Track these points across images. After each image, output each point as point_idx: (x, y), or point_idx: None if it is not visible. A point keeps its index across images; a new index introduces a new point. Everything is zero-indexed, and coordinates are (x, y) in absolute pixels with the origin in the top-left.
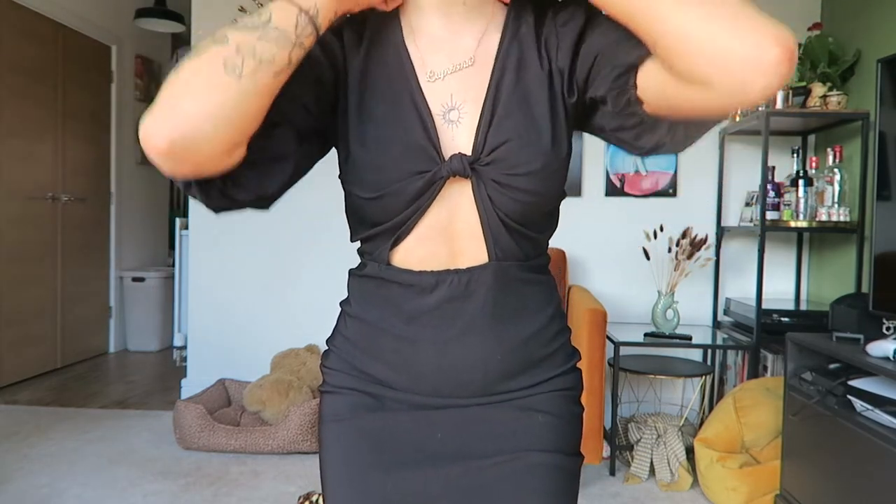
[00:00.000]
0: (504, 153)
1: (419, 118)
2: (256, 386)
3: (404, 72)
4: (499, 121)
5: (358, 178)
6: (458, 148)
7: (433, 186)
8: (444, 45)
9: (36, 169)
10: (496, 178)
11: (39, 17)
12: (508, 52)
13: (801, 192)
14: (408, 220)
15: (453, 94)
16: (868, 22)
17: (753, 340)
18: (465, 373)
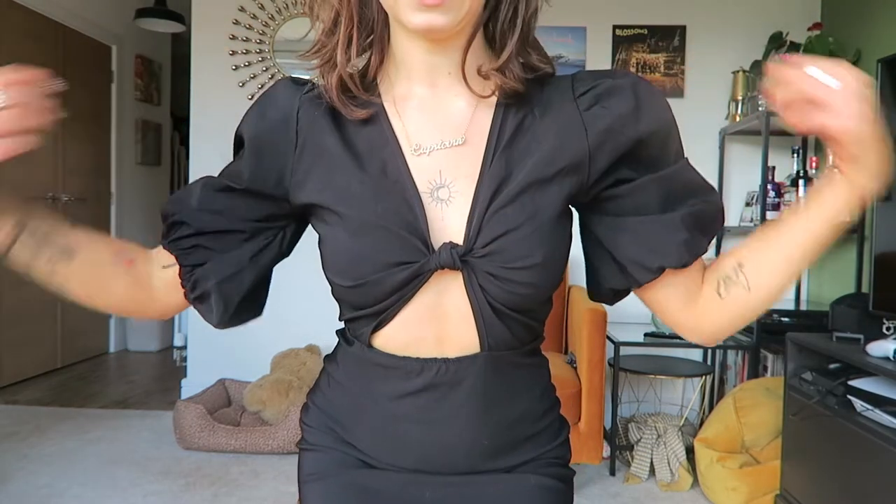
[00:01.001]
0: (501, 246)
1: (404, 198)
2: (257, 386)
3: (387, 146)
4: (497, 208)
5: (334, 266)
6: (447, 231)
7: (419, 278)
8: (431, 118)
9: (36, 169)
10: (491, 270)
11: (39, 17)
12: (509, 132)
13: (802, 192)
14: (390, 307)
15: (442, 170)
16: (868, 22)
17: (753, 340)
18: (449, 453)
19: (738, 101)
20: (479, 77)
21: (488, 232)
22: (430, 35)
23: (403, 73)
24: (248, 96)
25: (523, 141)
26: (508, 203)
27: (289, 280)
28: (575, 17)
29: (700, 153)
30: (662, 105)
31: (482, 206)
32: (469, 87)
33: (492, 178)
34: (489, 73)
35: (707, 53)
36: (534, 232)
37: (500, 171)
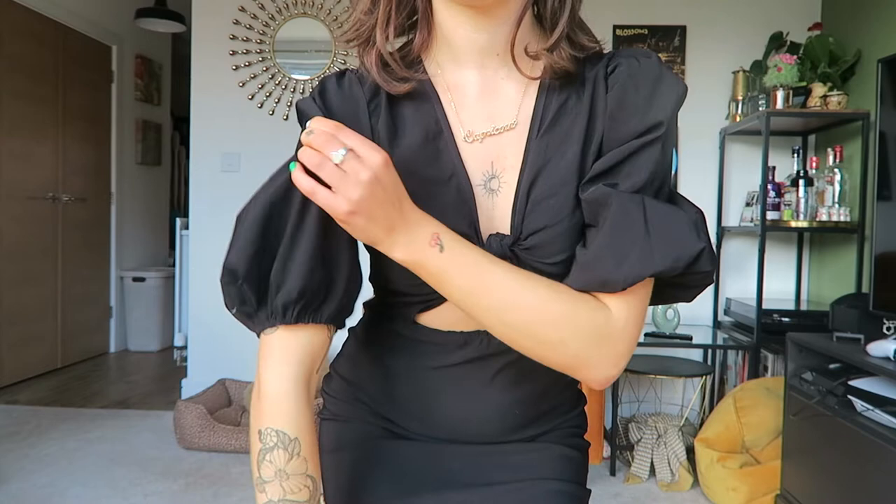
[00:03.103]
0: (542, 239)
1: (458, 192)
2: None
3: (441, 134)
4: (536, 200)
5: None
6: (495, 221)
7: None
8: (482, 102)
9: (36, 169)
10: (532, 264)
11: (40, 16)
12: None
13: (802, 192)
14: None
15: (493, 160)
16: (868, 22)
17: (754, 340)
18: (482, 423)
19: (738, 101)
20: (528, 58)
21: (530, 224)
22: (472, 3)
23: (451, 57)
24: (248, 96)
25: (565, 123)
26: (551, 196)
27: None
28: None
29: (700, 153)
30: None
31: (523, 198)
32: (518, 68)
33: (531, 167)
34: (539, 52)
35: (707, 53)
36: (571, 227)
37: (537, 158)
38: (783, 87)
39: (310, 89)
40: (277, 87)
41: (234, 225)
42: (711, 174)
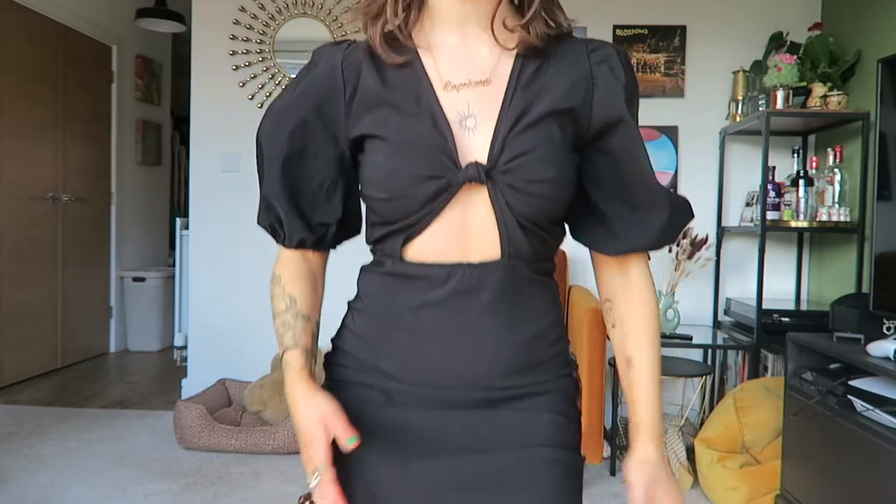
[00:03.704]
0: (521, 163)
1: (434, 123)
2: (257, 386)
3: (421, 83)
4: (517, 132)
5: (373, 181)
6: (473, 154)
7: (448, 190)
8: (460, 60)
9: (36, 169)
10: (512, 183)
11: (40, 17)
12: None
13: (802, 192)
14: (421, 220)
15: (469, 103)
16: (868, 22)
17: (754, 340)
18: (470, 365)
19: (738, 101)
20: (505, 30)
21: (509, 152)
22: None
23: (437, 24)
24: (248, 96)
25: (540, 82)
26: (528, 128)
27: None
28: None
29: (700, 153)
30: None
31: (504, 131)
32: (495, 38)
33: (513, 110)
34: (515, 27)
35: (707, 53)
36: (549, 154)
37: (520, 104)
38: (783, 87)
39: None
40: (277, 87)
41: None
42: (711, 174)
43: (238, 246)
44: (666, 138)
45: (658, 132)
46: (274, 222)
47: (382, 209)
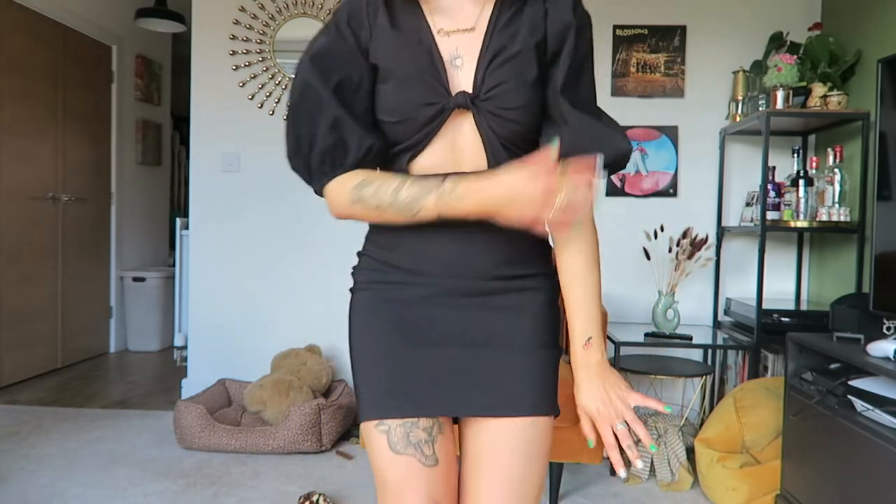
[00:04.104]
0: (497, 93)
1: (432, 60)
2: (257, 386)
3: (422, 29)
4: (493, 69)
5: (384, 108)
6: (461, 85)
7: (442, 115)
8: (451, 12)
9: (36, 169)
10: (491, 110)
11: (40, 17)
12: (503, 22)
13: (802, 192)
14: (422, 140)
15: (458, 46)
16: (868, 22)
17: (754, 340)
18: (467, 256)
19: (738, 101)
20: None
21: (488, 83)
22: None
23: None
24: (249, 96)
25: (514, 26)
26: (502, 65)
27: (289, 281)
28: None
29: (700, 153)
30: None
31: (483, 67)
32: None
33: (489, 51)
34: None
35: (707, 53)
36: (518, 85)
37: (496, 46)
38: (783, 87)
39: None
40: (277, 87)
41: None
42: (711, 174)
43: (238, 246)
44: (666, 138)
45: (658, 132)
46: (330, 147)
47: (391, 131)
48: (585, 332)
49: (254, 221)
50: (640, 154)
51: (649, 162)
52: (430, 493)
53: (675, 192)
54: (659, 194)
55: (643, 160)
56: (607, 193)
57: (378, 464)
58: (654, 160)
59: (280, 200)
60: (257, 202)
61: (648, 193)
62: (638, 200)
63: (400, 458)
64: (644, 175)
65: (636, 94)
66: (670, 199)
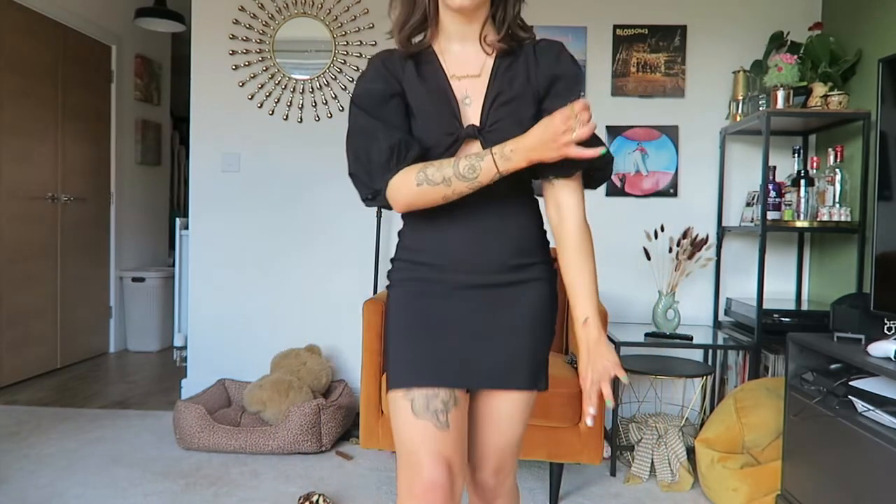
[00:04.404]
0: (498, 127)
1: (448, 101)
2: (257, 386)
3: (440, 76)
4: (495, 108)
5: (418, 136)
6: (471, 120)
7: (458, 142)
8: (462, 61)
9: (36, 169)
10: (494, 139)
11: (40, 16)
12: (502, 70)
13: (803, 192)
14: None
15: (467, 88)
16: (869, 21)
17: (754, 340)
18: (484, 250)
19: (738, 100)
20: (487, 43)
21: (491, 119)
22: (462, 11)
23: (446, 38)
24: (248, 96)
25: (511, 73)
26: (501, 106)
27: (289, 281)
28: (575, 17)
29: (700, 153)
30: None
31: (487, 106)
32: (482, 46)
33: (491, 93)
34: (493, 41)
35: (707, 53)
36: (514, 123)
37: (496, 89)
38: (784, 87)
39: (310, 89)
40: (277, 86)
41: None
42: (712, 174)
43: (238, 246)
44: (666, 138)
45: (658, 132)
46: (395, 144)
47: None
48: (584, 314)
49: (253, 221)
50: (641, 154)
51: (649, 162)
52: (440, 451)
53: (675, 192)
54: (659, 194)
55: (643, 160)
56: (607, 193)
57: (399, 426)
58: (655, 160)
59: (280, 200)
60: (257, 202)
61: (649, 193)
62: (638, 200)
63: (419, 422)
64: (644, 175)
65: (636, 93)
66: (671, 199)
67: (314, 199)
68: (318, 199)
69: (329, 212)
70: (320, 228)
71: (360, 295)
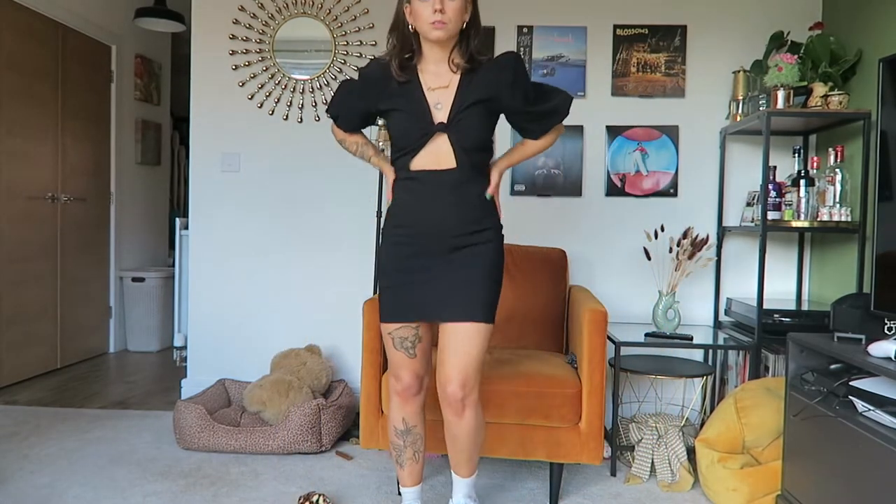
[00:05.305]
0: (462, 125)
1: (424, 107)
2: (257, 386)
3: (417, 87)
4: (459, 111)
5: (396, 132)
6: (439, 119)
7: (428, 135)
8: (435, 76)
9: (36, 169)
10: (458, 132)
11: (39, 16)
12: (465, 84)
13: (803, 192)
14: (417, 149)
15: (439, 97)
16: (870, 21)
17: (754, 340)
18: (448, 217)
19: (738, 100)
20: (454, 63)
21: (455, 119)
22: (438, 41)
23: (425, 61)
24: (248, 96)
25: (472, 86)
26: (464, 109)
27: (289, 281)
28: (575, 17)
29: (700, 153)
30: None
31: (455, 111)
32: (450, 67)
33: (458, 101)
34: (459, 62)
35: (707, 53)
36: (474, 120)
37: (460, 98)
38: (784, 87)
39: (310, 89)
40: (277, 86)
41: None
42: (712, 174)
43: (238, 246)
44: (666, 138)
45: (658, 132)
46: (336, 116)
47: (401, 143)
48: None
49: (253, 221)
50: (641, 154)
51: (650, 162)
52: (413, 370)
53: (675, 192)
54: (659, 194)
55: (643, 160)
56: (608, 193)
57: (388, 350)
58: (655, 160)
59: (280, 200)
60: (257, 202)
61: (649, 193)
62: (638, 200)
63: (397, 352)
64: (644, 175)
65: (636, 93)
66: (671, 199)
67: (314, 199)
68: (317, 199)
69: (329, 212)
70: (320, 228)
71: (360, 295)
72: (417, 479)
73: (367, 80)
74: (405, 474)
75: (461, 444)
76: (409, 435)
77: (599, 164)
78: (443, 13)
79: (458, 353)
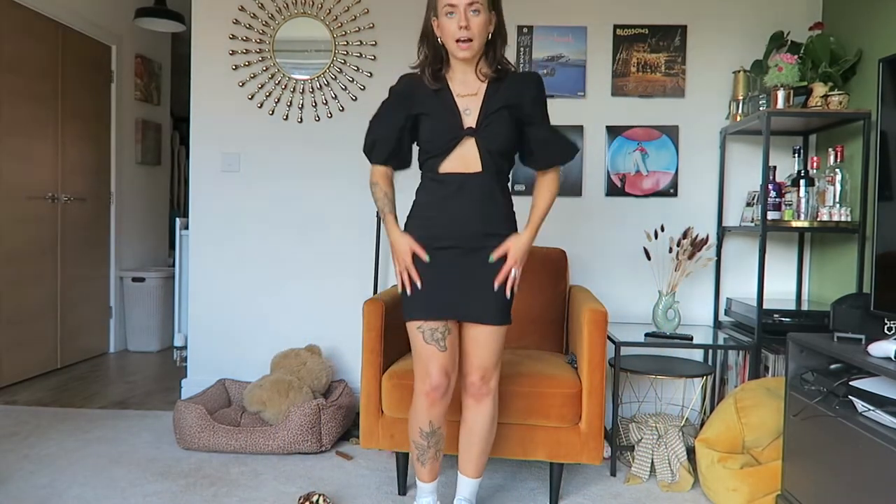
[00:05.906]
0: (489, 131)
1: (454, 112)
2: (257, 386)
3: (448, 95)
4: (487, 117)
5: (427, 135)
6: (468, 124)
7: (457, 139)
8: (463, 84)
9: (36, 169)
10: (485, 137)
11: (39, 16)
12: (492, 92)
13: (803, 192)
14: (446, 153)
15: (468, 103)
16: (870, 21)
17: (754, 340)
18: (467, 223)
19: (738, 100)
20: (482, 73)
21: (483, 124)
22: (464, 58)
23: (454, 71)
24: (248, 96)
25: (499, 94)
26: (491, 114)
27: (289, 281)
28: (576, 17)
29: (700, 153)
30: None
31: (482, 117)
32: (478, 77)
33: (485, 107)
34: (486, 72)
35: (708, 53)
36: (500, 126)
37: (487, 105)
38: (784, 87)
39: (310, 89)
40: (277, 86)
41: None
42: (712, 174)
43: (238, 246)
44: (666, 138)
45: (658, 132)
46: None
47: (430, 148)
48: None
49: (253, 221)
50: (641, 154)
51: (650, 162)
52: (443, 365)
53: (675, 191)
54: (659, 194)
55: (643, 160)
56: (608, 193)
57: (417, 346)
58: (655, 160)
59: (280, 200)
60: (257, 202)
61: (649, 193)
62: (638, 200)
63: (428, 346)
64: (644, 175)
65: (636, 93)
66: (671, 199)
67: (314, 199)
68: (318, 199)
69: (329, 212)
70: (320, 228)
71: (360, 295)
72: (436, 475)
73: (399, 94)
74: (425, 471)
75: (476, 434)
76: (433, 436)
77: (599, 164)
78: (468, 29)
79: (479, 349)
